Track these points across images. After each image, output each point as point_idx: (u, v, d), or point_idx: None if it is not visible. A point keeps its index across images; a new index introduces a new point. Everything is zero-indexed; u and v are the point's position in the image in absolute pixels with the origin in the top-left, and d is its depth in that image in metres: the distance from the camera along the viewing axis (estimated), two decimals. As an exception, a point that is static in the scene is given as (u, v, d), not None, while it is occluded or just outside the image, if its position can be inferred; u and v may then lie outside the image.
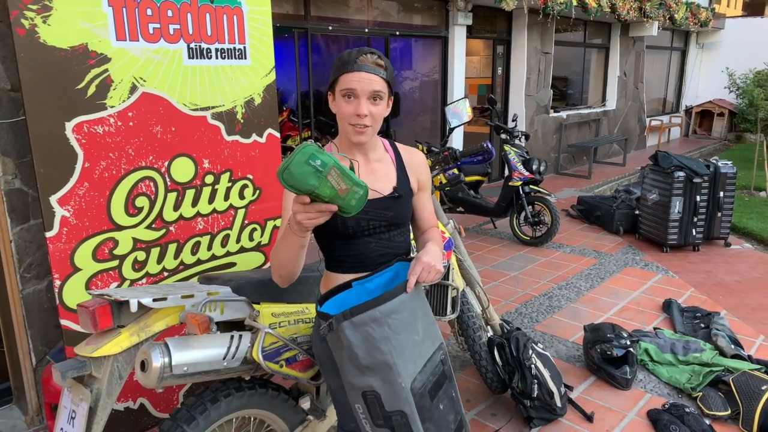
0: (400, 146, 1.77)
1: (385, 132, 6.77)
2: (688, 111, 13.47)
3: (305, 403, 1.96)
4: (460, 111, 3.29)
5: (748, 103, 7.70)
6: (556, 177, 8.87)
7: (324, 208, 1.31)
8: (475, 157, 4.12)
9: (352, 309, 1.43)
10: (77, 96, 2.27)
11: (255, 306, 1.85)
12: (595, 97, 10.29)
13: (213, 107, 2.69)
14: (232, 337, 1.73)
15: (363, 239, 1.66)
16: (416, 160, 1.76)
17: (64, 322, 2.37)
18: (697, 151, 11.43)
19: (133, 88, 2.42)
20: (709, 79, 13.28)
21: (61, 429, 1.62)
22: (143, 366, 1.58)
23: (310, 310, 1.99)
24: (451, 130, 4.08)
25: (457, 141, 7.25)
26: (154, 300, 1.60)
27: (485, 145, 2.78)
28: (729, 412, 2.79)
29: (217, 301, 1.74)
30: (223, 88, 2.72)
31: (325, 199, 1.27)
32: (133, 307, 1.55)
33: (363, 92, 1.53)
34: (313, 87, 5.95)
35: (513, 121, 5.80)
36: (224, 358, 1.69)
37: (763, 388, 2.74)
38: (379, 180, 1.69)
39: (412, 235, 1.87)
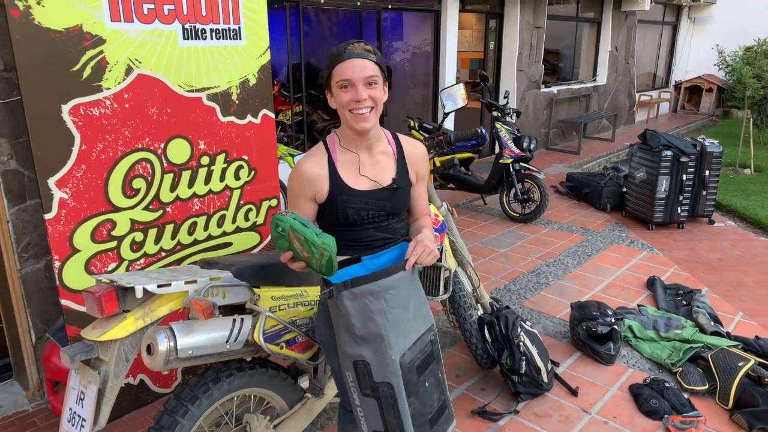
0: (402, 138, 1.82)
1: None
2: (678, 86, 13.52)
3: (304, 383, 2.04)
4: (455, 96, 3.31)
5: (737, 80, 7.75)
6: (545, 152, 8.93)
7: (297, 267, 1.49)
8: (468, 142, 4.15)
9: (353, 280, 1.51)
10: (73, 78, 2.27)
11: (255, 290, 1.91)
12: (586, 72, 10.29)
13: (208, 88, 2.70)
14: (234, 320, 1.79)
15: (363, 226, 1.72)
16: (417, 153, 1.81)
17: (64, 302, 2.41)
18: (684, 126, 11.52)
19: (129, 70, 2.42)
20: (699, 54, 13.30)
21: (70, 409, 1.68)
22: (149, 350, 1.63)
23: (308, 293, 2.05)
24: (446, 114, 4.11)
25: (449, 117, 7.25)
26: (159, 286, 1.64)
27: (479, 130, 2.83)
28: (706, 386, 2.92)
29: (219, 287, 1.79)
30: (218, 69, 2.71)
31: (298, 260, 1.48)
32: (139, 294, 1.60)
33: (358, 79, 1.59)
34: (305, 59, 5.90)
35: (504, 98, 5.81)
36: (227, 342, 1.75)
37: (740, 364, 2.86)
38: (380, 171, 1.74)
39: None
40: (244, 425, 2.00)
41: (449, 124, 7.06)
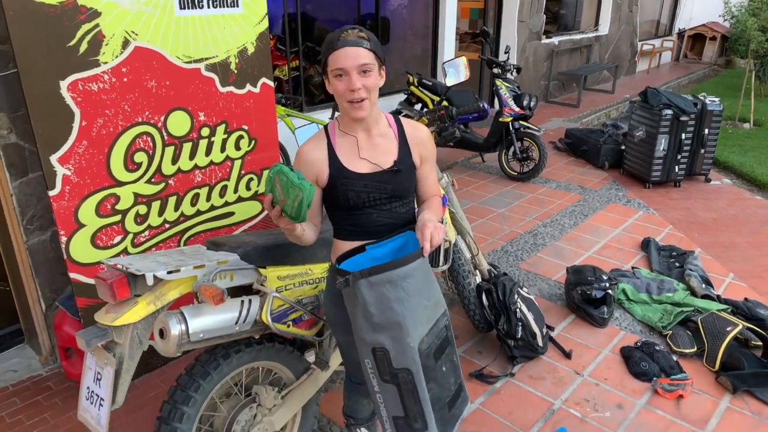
0: (404, 121, 1.82)
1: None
2: (681, 34, 13.23)
3: (310, 357, 2.12)
4: (458, 69, 3.27)
5: (741, 31, 7.60)
6: (544, 105, 8.83)
7: (275, 213, 1.54)
8: (470, 115, 4.13)
9: (370, 269, 1.54)
10: (70, 53, 2.23)
11: (261, 270, 1.96)
12: (588, 21, 10.04)
13: (206, 59, 2.66)
14: (242, 302, 1.85)
15: (365, 210, 1.75)
16: (419, 135, 1.81)
17: (73, 275, 2.47)
18: (686, 77, 11.36)
19: (126, 43, 2.38)
20: (704, 1, 12.94)
21: (88, 388, 1.76)
22: (162, 334, 1.70)
23: (313, 271, 2.10)
24: (448, 88, 4.07)
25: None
26: (169, 272, 1.69)
27: (481, 104, 2.82)
28: (695, 349, 3.04)
29: (226, 270, 1.84)
30: (216, 38, 2.67)
31: (276, 204, 1.53)
32: (149, 281, 1.65)
33: (351, 68, 1.60)
34: (300, 9, 5.74)
35: (505, 53, 5.72)
36: (236, 323, 1.81)
37: (728, 329, 2.97)
38: (381, 154, 1.75)
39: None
40: (253, 396, 2.09)
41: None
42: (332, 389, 2.81)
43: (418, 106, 5.97)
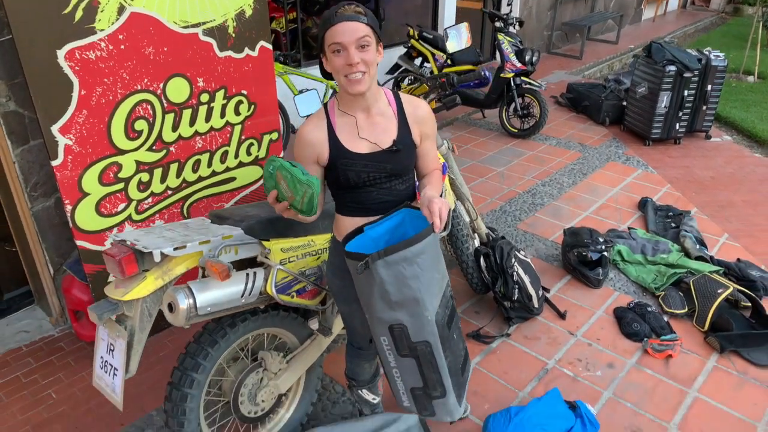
0: (404, 98, 1.81)
1: (374, 11, 6.46)
2: (690, -21, 12.84)
3: (314, 324, 2.20)
4: (460, 35, 3.21)
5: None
6: (547, 57, 8.68)
7: (281, 208, 1.59)
8: (471, 83, 4.08)
9: (386, 249, 1.58)
10: (65, 21, 2.20)
11: (265, 243, 2.00)
12: (594, -34, 9.71)
13: (204, 23, 2.61)
14: (247, 275, 1.90)
15: (365, 188, 1.78)
16: (419, 113, 1.81)
17: (79, 242, 2.51)
18: (692, 26, 11.10)
19: (121, 9, 2.34)
20: (715, -56, 12.50)
21: (101, 357, 1.84)
22: (171, 308, 1.76)
23: (315, 242, 2.15)
24: (451, 54, 3.99)
25: (449, 20, 6.96)
26: (175, 249, 1.73)
27: (483, 72, 2.79)
28: (686, 310, 3.13)
29: (231, 245, 1.88)
30: (213, 1, 2.61)
31: (283, 200, 1.58)
32: (157, 258, 1.69)
33: (350, 42, 1.59)
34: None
35: (508, 5, 5.58)
36: (242, 296, 1.87)
37: (719, 291, 3.05)
38: (380, 134, 1.76)
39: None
40: (260, 361, 2.18)
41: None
42: (335, 349, 2.91)
43: (418, 61, 5.87)
